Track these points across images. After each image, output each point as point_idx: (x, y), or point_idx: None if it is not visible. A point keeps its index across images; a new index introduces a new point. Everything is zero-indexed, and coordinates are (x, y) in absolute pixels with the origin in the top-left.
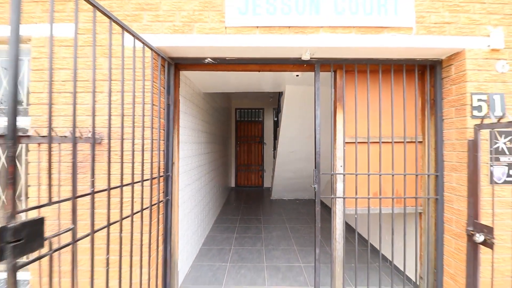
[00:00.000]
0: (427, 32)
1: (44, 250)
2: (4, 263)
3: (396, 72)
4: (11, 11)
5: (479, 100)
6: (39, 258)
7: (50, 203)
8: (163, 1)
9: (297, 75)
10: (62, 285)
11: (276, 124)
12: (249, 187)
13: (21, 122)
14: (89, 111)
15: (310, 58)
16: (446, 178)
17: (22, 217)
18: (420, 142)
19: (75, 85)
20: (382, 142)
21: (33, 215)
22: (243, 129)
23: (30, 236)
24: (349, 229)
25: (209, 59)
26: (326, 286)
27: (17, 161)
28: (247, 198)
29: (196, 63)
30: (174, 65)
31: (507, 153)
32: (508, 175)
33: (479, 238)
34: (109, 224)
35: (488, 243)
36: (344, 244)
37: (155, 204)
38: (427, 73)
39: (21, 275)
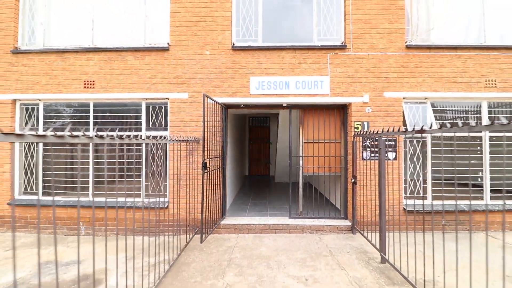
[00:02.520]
0: (335, 96)
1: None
2: (200, 173)
3: (326, 109)
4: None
5: (357, 124)
6: (205, 172)
7: (210, 159)
8: (224, 84)
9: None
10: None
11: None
12: (259, 175)
13: (164, 133)
14: (195, 129)
15: (287, 105)
16: (348, 158)
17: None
18: (339, 142)
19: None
20: (320, 142)
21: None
22: (254, 132)
23: (205, 166)
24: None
25: (242, 105)
26: (295, 211)
27: (160, 150)
28: (258, 181)
29: (235, 106)
30: (226, 107)
31: (369, 146)
32: (370, 156)
33: (352, 180)
34: (209, 170)
35: (355, 182)
36: (303, 189)
37: (220, 168)
38: (341, 110)
39: (162, 200)
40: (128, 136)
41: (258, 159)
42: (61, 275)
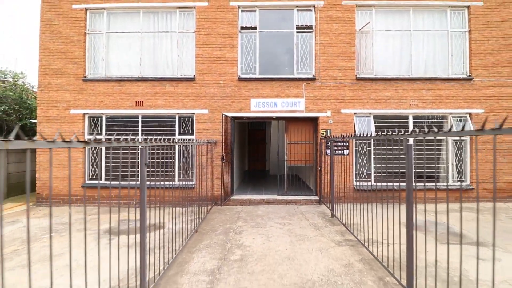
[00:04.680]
0: (308, 112)
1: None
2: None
3: (303, 120)
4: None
5: (323, 131)
6: (222, 162)
7: (225, 154)
8: (233, 103)
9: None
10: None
11: None
12: (257, 170)
13: (191, 137)
14: (213, 135)
15: (276, 117)
16: (317, 154)
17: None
18: (311, 143)
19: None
20: (299, 143)
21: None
22: (253, 134)
23: (223, 158)
24: (294, 175)
25: (245, 118)
26: (281, 191)
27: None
28: (256, 174)
29: (240, 118)
30: (234, 119)
31: (330, 146)
32: (331, 153)
33: (319, 169)
34: (225, 160)
35: (321, 170)
36: (287, 176)
37: (230, 161)
38: (313, 121)
39: (188, 182)
40: (167, 139)
41: (256, 156)
42: (133, 226)
